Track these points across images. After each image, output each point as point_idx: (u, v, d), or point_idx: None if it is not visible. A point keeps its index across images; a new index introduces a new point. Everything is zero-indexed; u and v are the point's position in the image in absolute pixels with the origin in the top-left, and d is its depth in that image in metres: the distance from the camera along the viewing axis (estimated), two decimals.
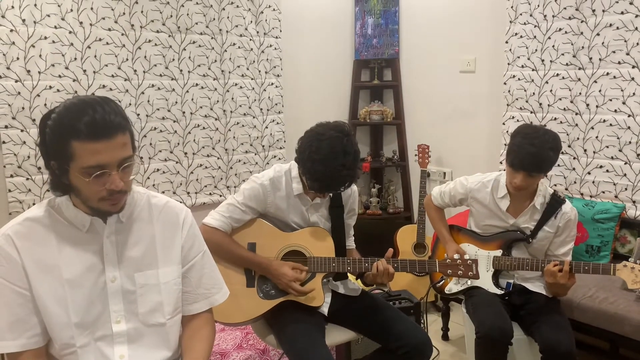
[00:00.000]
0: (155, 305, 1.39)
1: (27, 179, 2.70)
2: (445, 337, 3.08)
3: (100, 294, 1.34)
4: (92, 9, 2.79)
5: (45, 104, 2.70)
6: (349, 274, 2.23)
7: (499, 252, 2.35)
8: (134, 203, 1.40)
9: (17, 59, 2.60)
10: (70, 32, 2.74)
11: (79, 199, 1.29)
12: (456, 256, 2.02)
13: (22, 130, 2.66)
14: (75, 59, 2.78)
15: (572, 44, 2.97)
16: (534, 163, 2.10)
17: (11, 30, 2.56)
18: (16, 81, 2.61)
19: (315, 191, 2.00)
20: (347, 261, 2.04)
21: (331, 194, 2.13)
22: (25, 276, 1.27)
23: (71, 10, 2.73)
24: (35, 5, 2.61)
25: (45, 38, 2.67)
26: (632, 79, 2.75)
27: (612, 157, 2.88)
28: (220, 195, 3.41)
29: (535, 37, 3.12)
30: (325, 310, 2.08)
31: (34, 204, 2.70)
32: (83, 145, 1.18)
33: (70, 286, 1.30)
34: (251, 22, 3.43)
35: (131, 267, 1.37)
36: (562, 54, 3.01)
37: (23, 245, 1.27)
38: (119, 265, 1.36)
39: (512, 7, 3.21)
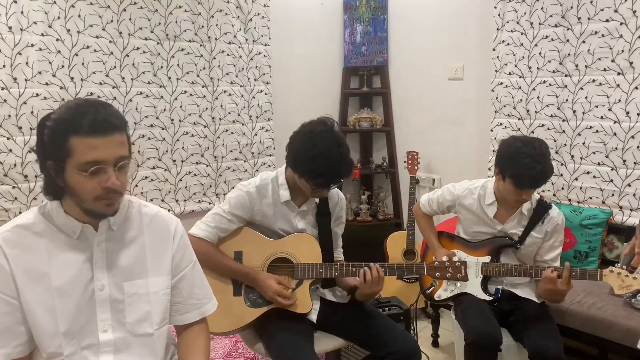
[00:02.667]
0: (144, 315, 1.38)
1: (13, 187, 2.68)
2: (435, 343, 3.08)
3: (88, 302, 1.32)
4: (79, 16, 2.79)
5: (32, 112, 2.68)
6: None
7: (487, 259, 2.35)
8: (125, 211, 1.39)
9: (4, 66, 2.58)
10: (57, 40, 2.73)
11: (73, 202, 1.28)
12: (444, 258, 2.01)
13: (8, 138, 2.64)
14: (63, 66, 2.77)
15: (558, 51, 3.00)
16: (544, 178, 2.14)
17: None
18: (2, 89, 2.59)
19: (321, 187, 1.97)
20: (335, 266, 2.03)
21: (317, 201, 2.13)
22: (14, 284, 1.25)
23: (58, 17, 2.72)
24: (22, 12, 2.60)
25: (32, 45, 2.65)
26: (618, 85, 2.78)
27: (598, 163, 2.90)
28: (210, 203, 3.39)
29: (522, 44, 3.15)
30: (313, 317, 2.07)
31: (20, 212, 2.68)
32: (81, 140, 1.19)
33: (60, 294, 1.29)
34: (240, 29, 3.43)
35: (120, 275, 1.36)
36: (549, 61, 3.04)
37: (12, 253, 1.26)
38: (108, 274, 1.34)
39: (499, 14, 3.24)
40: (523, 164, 2.10)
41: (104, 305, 1.34)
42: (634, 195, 2.78)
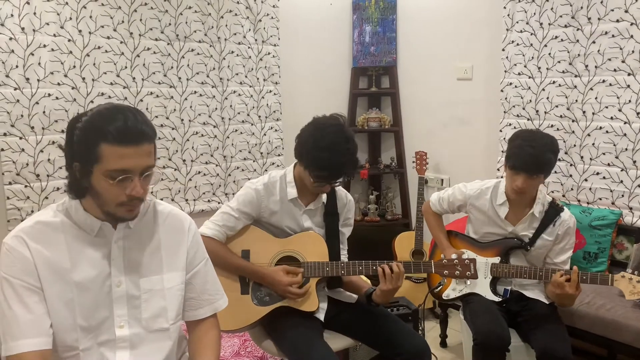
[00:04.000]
0: (159, 311, 1.41)
1: (26, 186, 2.71)
2: (443, 343, 3.08)
3: (105, 298, 1.35)
4: (91, 17, 2.81)
5: (44, 112, 2.71)
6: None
7: (497, 259, 2.35)
8: (143, 209, 1.41)
9: (16, 67, 2.61)
10: (69, 40, 2.76)
11: (95, 203, 1.31)
12: (453, 256, 2.01)
13: (20, 138, 2.67)
14: (74, 66, 2.80)
15: (568, 52, 2.99)
16: (535, 164, 2.13)
17: (10, 39, 2.58)
18: (15, 89, 2.62)
19: (323, 182, 1.98)
20: (341, 265, 2.04)
21: (325, 200, 2.14)
22: (38, 276, 1.28)
23: (70, 18, 2.75)
24: (34, 13, 2.63)
25: (45, 46, 2.68)
26: (628, 86, 2.77)
27: (608, 164, 2.89)
28: (219, 202, 3.41)
29: (531, 44, 3.14)
30: (321, 316, 2.08)
31: (32, 211, 2.71)
32: (112, 148, 1.22)
33: (79, 289, 1.31)
34: (249, 30, 3.45)
35: (137, 272, 1.39)
36: (559, 62, 3.03)
37: (35, 247, 1.29)
38: (125, 270, 1.37)
39: (508, 15, 3.23)
40: (519, 146, 2.16)
41: (121, 301, 1.36)
42: None
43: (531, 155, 2.11)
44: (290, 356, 1.94)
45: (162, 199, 3.14)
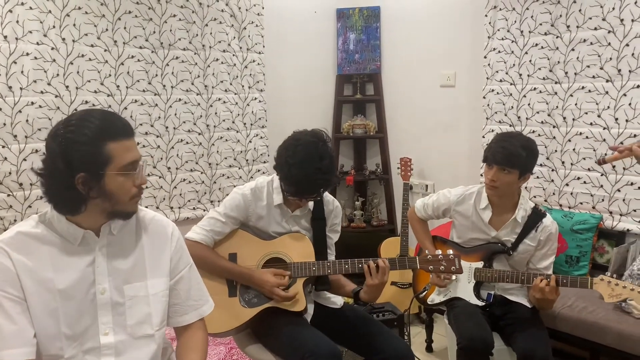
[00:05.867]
0: (144, 317, 1.41)
1: (9, 195, 2.69)
2: (429, 348, 3.10)
3: (89, 305, 1.35)
4: (74, 25, 2.81)
5: (27, 120, 2.69)
6: (344, 298, 2.24)
7: (480, 264, 2.38)
8: None
9: None
10: (52, 49, 2.75)
11: (99, 208, 1.30)
12: (438, 252, 2.03)
13: (3, 147, 2.65)
14: (58, 75, 2.79)
15: (548, 59, 3.04)
16: (505, 156, 2.19)
17: None
18: None
19: (292, 196, 2.02)
20: (327, 264, 2.05)
21: (311, 207, 2.15)
22: (20, 286, 1.27)
23: (53, 26, 2.74)
24: (17, 21, 2.62)
25: (28, 54, 2.67)
26: (607, 92, 2.82)
27: (589, 169, 2.94)
28: (204, 210, 3.41)
29: (512, 52, 3.20)
30: (308, 319, 2.09)
31: (15, 220, 2.69)
32: (119, 144, 1.27)
33: (62, 297, 1.31)
34: (234, 37, 3.46)
35: (120, 279, 1.38)
36: (539, 69, 3.09)
37: (16, 257, 1.28)
38: (109, 278, 1.37)
39: (490, 22, 3.29)
40: (493, 140, 2.29)
41: (105, 308, 1.36)
42: (624, 200, 2.82)
43: (503, 147, 2.20)
44: (285, 350, 1.95)
45: (146, 207, 3.12)
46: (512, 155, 2.18)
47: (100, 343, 1.35)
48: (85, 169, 1.25)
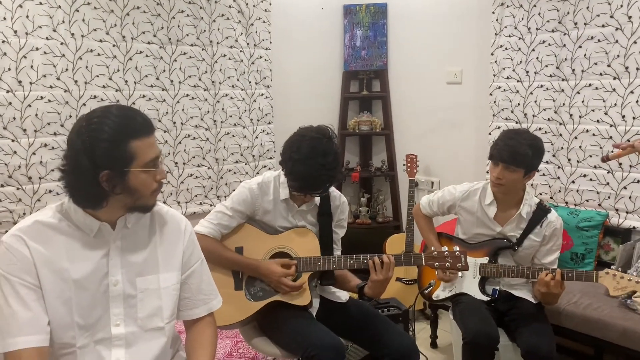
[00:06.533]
0: (155, 310, 1.43)
1: (18, 188, 2.71)
2: (433, 344, 3.11)
3: (102, 297, 1.37)
4: (83, 20, 2.83)
5: (36, 114, 2.72)
6: (349, 293, 2.25)
7: (485, 260, 2.39)
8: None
9: (9, 69, 2.62)
10: (61, 43, 2.77)
11: (120, 204, 1.33)
12: (444, 248, 2.03)
13: (13, 140, 2.67)
14: (67, 69, 2.81)
15: (555, 56, 3.04)
16: (511, 154, 2.19)
17: (3, 41, 2.59)
18: (7, 91, 2.63)
19: (296, 191, 2.03)
20: (333, 259, 2.07)
21: (317, 202, 2.17)
22: (37, 275, 1.30)
23: (63, 21, 2.76)
24: (27, 16, 2.64)
25: (37, 49, 2.69)
26: (614, 90, 2.82)
27: (595, 166, 2.94)
28: (211, 205, 3.43)
29: (519, 49, 3.19)
30: (313, 313, 2.11)
31: (24, 213, 2.72)
32: (141, 142, 1.29)
33: (76, 288, 1.33)
34: (241, 33, 3.47)
35: (133, 271, 1.41)
36: (546, 66, 3.09)
37: (34, 246, 1.30)
38: (122, 270, 1.39)
39: (497, 20, 3.28)
40: (499, 138, 2.27)
41: (117, 300, 1.38)
42: (630, 197, 2.82)
43: (509, 146, 2.20)
44: (290, 344, 1.97)
45: None
46: (518, 154, 2.18)
47: (111, 334, 1.38)
48: (110, 166, 1.26)
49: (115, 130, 1.26)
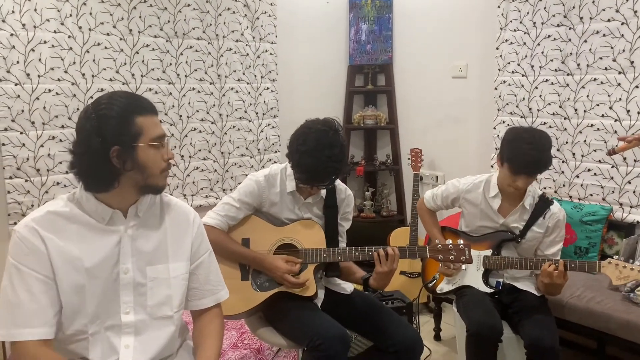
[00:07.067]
0: (165, 299, 1.46)
1: (26, 180, 2.74)
2: (437, 337, 3.13)
3: (112, 284, 1.40)
4: (91, 14, 2.85)
5: (44, 107, 2.74)
6: (354, 284, 2.27)
7: (489, 252, 2.40)
8: (150, 199, 1.47)
9: (17, 62, 2.65)
10: (69, 37, 2.79)
11: (132, 182, 1.36)
12: (448, 241, 2.05)
13: (21, 133, 2.70)
14: (74, 63, 2.83)
15: (560, 51, 3.04)
16: (538, 167, 2.20)
17: (11, 35, 2.62)
18: (16, 84, 2.66)
19: (303, 183, 2.06)
20: (338, 251, 2.09)
21: (323, 195, 2.18)
22: (50, 265, 1.32)
23: (70, 15, 2.78)
24: (35, 10, 2.66)
25: (45, 42, 2.72)
26: (619, 84, 2.82)
27: (599, 161, 2.95)
28: (217, 198, 3.45)
29: (525, 43, 3.20)
30: (318, 304, 2.13)
31: (32, 205, 2.75)
32: (147, 118, 1.35)
33: (89, 276, 1.36)
34: (247, 27, 3.49)
35: (143, 260, 1.43)
36: (551, 60, 3.09)
37: (47, 236, 1.33)
38: (132, 258, 1.42)
39: (502, 14, 3.29)
40: (520, 149, 2.18)
41: (128, 288, 1.41)
42: (634, 192, 2.82)
43: (533, 157, 2.15)
44: (295, 334, 1.99)
45: None
46: (541, 163, 2.19)
47: (121, 321, 1.40)
48: (119, 141, 1.31)
49: (122, 108, 1.32)
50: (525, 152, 2.16)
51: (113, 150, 1.31)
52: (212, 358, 1.47)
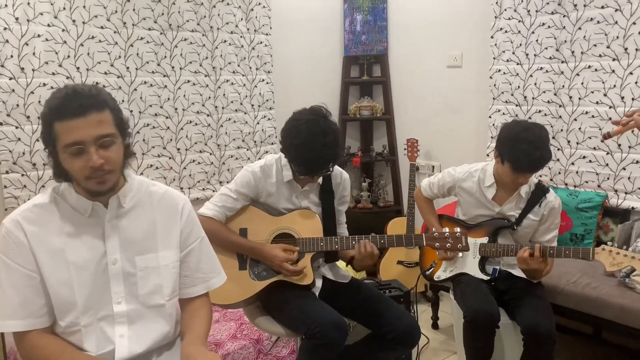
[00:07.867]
0: (155, 288, 1.46)
1: (22, 175, 2.74)
2: (435, 326, 3.15)
3: (102, 276, 1.40)
4: (84, 7, 2.83)
5: (39, 101, 2.74)
6: (339, 263, 2.30)
7: (485, 240, 2.42)
8: (135, 189, 1.47)
9: (11, 56, 2.64)
10: (63, 30, 2.78)
11: (76, 182, 1.37)
12: (445, 229, 2.07)
13: (16, 127, 2.70)
14: (69, 56, 2.82)
15: (555, 38, 3.05)
16: (541, 164, 2.22)
17: (5, 29, 2.61)
18: (10, 79, 2.65)
19: (303, 175, 2.07)
20: (335, 240, 2.11)
21: (320, 181, 2.19)
22: (34, 259, 1.34)
23: (64, 8, 2.77)
24: (28, 3, 2.65)
25: (39, 36, 2.71)
26: (613, 71, 2.83)
27: (594, 148, 2.96)
28: (213, 191, 3.45)
29: (519, 31, 3.20)
30: (316, 293, 2.15)
31: (29, 199, 2.74)
32: (62, 124, 1.27)
33: (76, 268, 1.36)
34: (242, 19, 3.48)
35: (132, 250, 1.44)
36: (546, 48, 3.09)
37: (31, 230, 1.34)
38: (120, 249, 1.42)
39: (496, 2, 3.28)
40: (522, 149, 2.16)
41: (117, 278, 1.42)
42: (629, 178, 2.84)
43: (536, 156, 2.16)
44: (293, 322, 2.01)
45: None
46: (543, 160, 2.19)
47: (113, 311, 1.41)
48: (46, 144, 1.33)
49: (48, 111, 1.30)
50: (527, 153, 2.15)
51: (48, 149, 1.34)
52: (200, 337, 1.47)
